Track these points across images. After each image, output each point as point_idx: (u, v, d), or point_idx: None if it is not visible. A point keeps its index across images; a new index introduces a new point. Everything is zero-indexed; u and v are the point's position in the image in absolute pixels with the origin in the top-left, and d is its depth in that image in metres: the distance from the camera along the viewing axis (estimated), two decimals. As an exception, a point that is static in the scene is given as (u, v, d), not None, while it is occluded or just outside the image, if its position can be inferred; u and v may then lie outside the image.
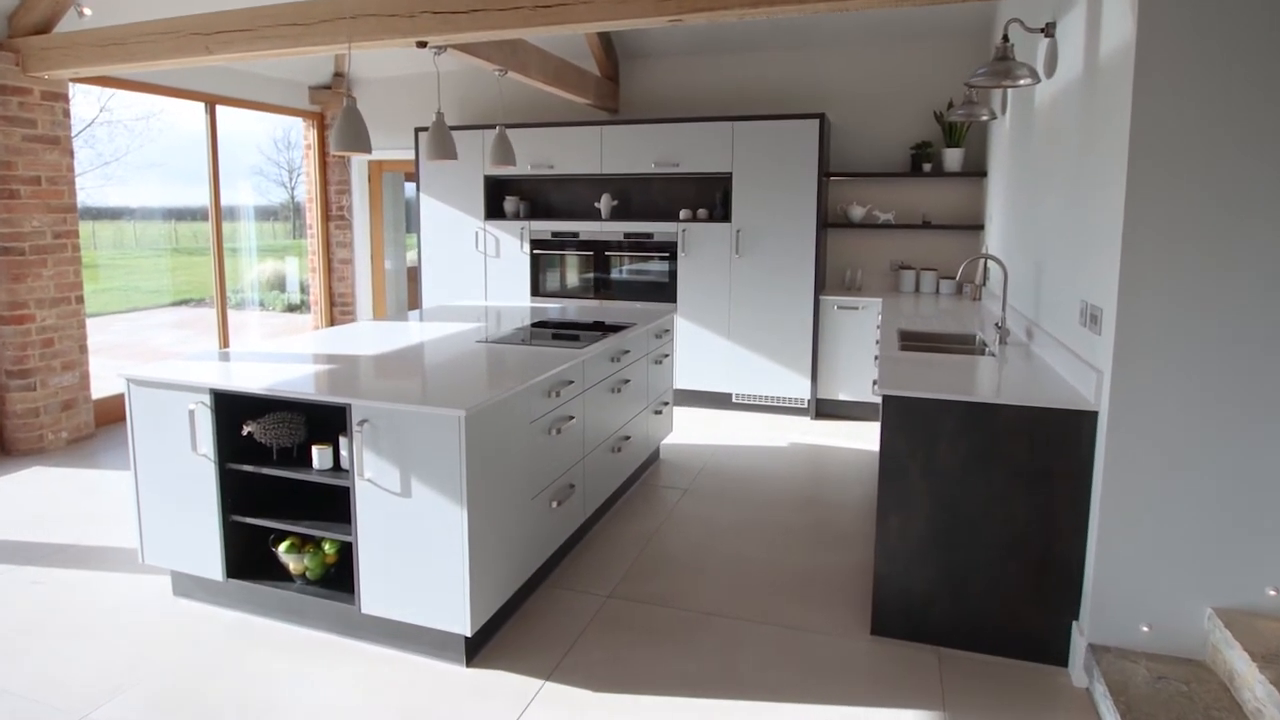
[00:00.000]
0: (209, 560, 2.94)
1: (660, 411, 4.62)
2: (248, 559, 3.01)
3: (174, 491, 2.96)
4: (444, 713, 2.44)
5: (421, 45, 3.88)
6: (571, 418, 3.30)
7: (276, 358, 3.27)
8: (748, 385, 5.89)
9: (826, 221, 6.01)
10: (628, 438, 4.04)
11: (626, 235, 6.12)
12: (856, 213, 5.99)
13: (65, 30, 4.78)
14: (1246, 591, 2.38)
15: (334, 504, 2.99)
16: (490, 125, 6.24)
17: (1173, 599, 2.44)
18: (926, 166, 5.79)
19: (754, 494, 4.28)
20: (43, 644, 2.81)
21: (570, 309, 4.95)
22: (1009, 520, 2.65)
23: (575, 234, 6.26)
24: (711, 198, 6.07)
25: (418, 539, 2.60)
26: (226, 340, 6.71)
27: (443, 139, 4.26)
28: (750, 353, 5.85)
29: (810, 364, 5.72)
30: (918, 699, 2.51)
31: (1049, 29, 3.37)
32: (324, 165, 7.65)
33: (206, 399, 2.84)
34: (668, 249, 6.00)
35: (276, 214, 9.44)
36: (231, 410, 2.89)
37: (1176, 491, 2.39)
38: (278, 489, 3.07)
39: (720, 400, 6.02)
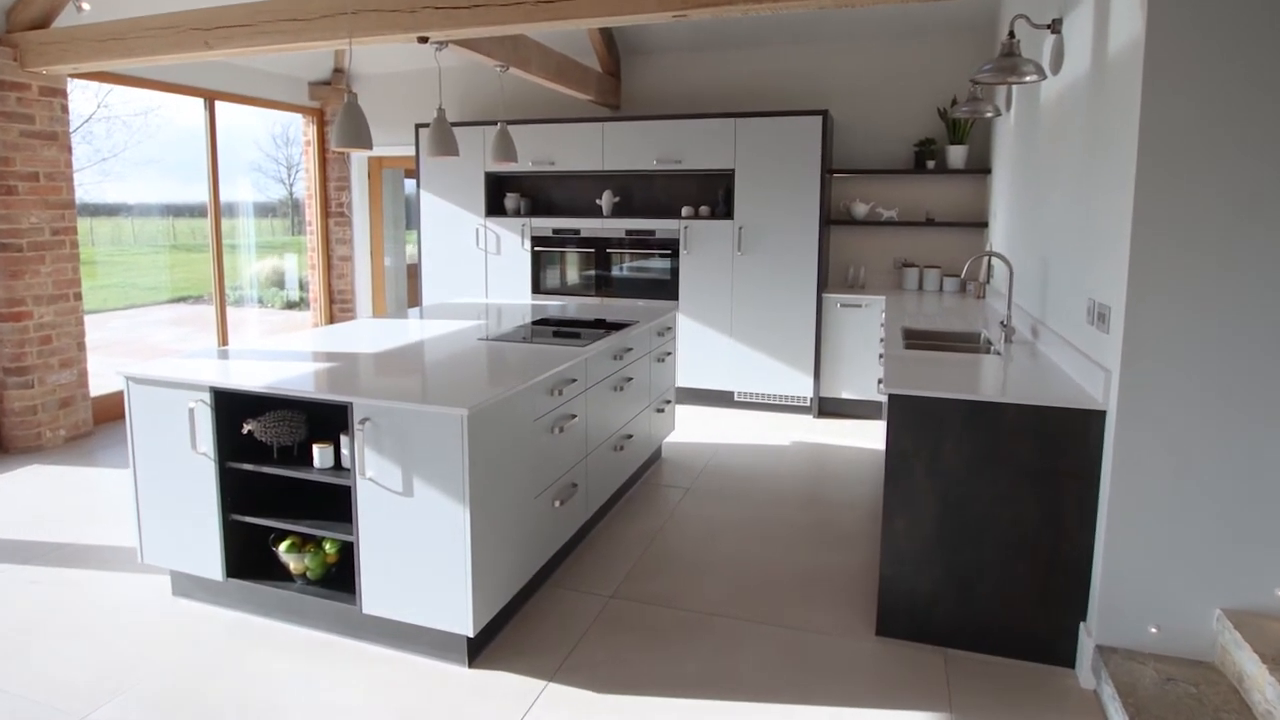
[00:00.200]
0: (209, 560, 2.92)
1: (662, 410, 4.60)
2: (248, 559, 2.99)
3: (173, 490, 2.93)
4: (446, 714, 2.42)
5: (423, 40, 3.85)
6: (574, 416, 3.28)
7: (276, 355, 3.24)
8: (750, 383, 5.87)
9: (829, 219, 5.98)
10: (630, 436, 4.02)
11: (628, 232, 6.09)
12: (860, 210, 5.96)
13: (64, 25, 4.75)
14: (1256, 592, 2.36)
15: (335, 503, 2.97)
16: (491, 121, 6.21)
17: (1181, 600, 2.42)
18: (930, 163, 5.77)
19: (756, 493, 4.26)
20: (41, 644, 2.79)
21: (571, 306, 4.93)
22: (1016, 520, 2.63)
23: (576, 231, 6.23)
24: (714, 195, 6.04)
25: (419, 538, 2.58)
26: (225, 337, 6.68)
27: (444, 135, 4.24)
28: (752, 351, 5.82)
29: (813, 362, 5.70)
30: (923, 700, 2.49)
31: (1055, 25, 3.34)
32: (323, 161, 7.62)
33: (206, 397, 2.81)
34: (669, 246, 5.97)
35: (275, 210, 9.41)
36: (231, 408, 2.86)
37: (1185, 491, 2.37)
38: (278, 488, 3.05)
39: (722, 398, 6.00)
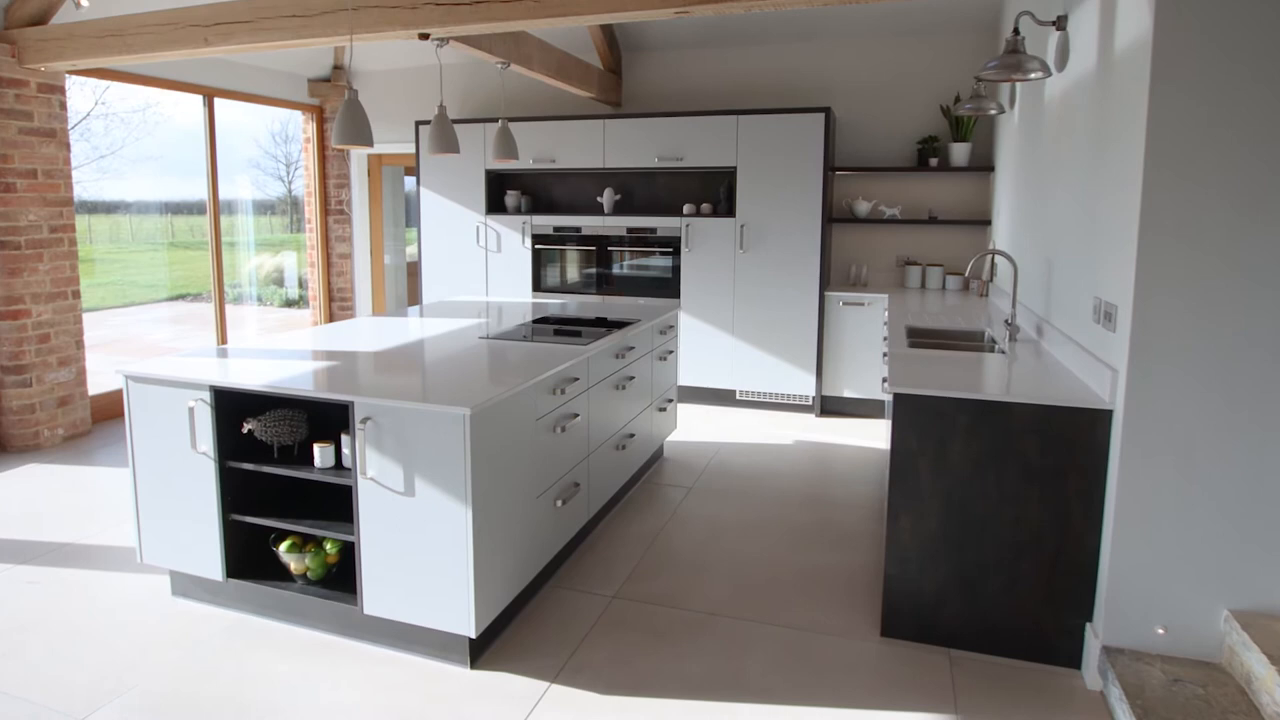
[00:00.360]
0: (208, 560, 2.90)
1: (664, 409, 4.58)
2: (248, 559, 2.97)
3: (173, 490, 2.91)
4: (447, 715, 2.40)
5: (424, 37, 3.83)
6: (576, 415, 3.26)
7: (276, 354, 3.22)
8: (752, 382, 5.85)
9: (832, 216, 5.96)
10: (632, 435, 4.00)
11: (629, 230, 6.07)
12: (862, 208, 5.94)
13: (62, 21, 4.73)
14: (1264, 593, 2.34)
15: (335, 503, 2.95)
16: (492, 119, 6.18)
17: (1188, 600, 2.41)
18: (933, 161, 5.75)
19: (759, 492, 4.24)
20: (40, 644, 2.77)
21: (572, 305, 4.90)
22: (1022, 520, 2.61)
23: (577, 229, 6.21)
24: (715, 192, 6.02)
25: (421, 539, 2.56)
26: (224, 336, 6.66)
27: (445, 132, 4.22)
28: (754, 349, 5.80)
29: (815, 360, 5.68)
30: (929, 701, 2.47)
31: (1060, 22, 3.32)
32: (323, 159, 7.59)
33: (206, 396, 2.79)
34: (671, 244, 5.95)
35: (274, 208, 9.38)
36: (231, 407, 2.84)
37: (1193, 491, 2.36)
38: (278, 488, 3.03)
39: (724, 397, 5.98)
